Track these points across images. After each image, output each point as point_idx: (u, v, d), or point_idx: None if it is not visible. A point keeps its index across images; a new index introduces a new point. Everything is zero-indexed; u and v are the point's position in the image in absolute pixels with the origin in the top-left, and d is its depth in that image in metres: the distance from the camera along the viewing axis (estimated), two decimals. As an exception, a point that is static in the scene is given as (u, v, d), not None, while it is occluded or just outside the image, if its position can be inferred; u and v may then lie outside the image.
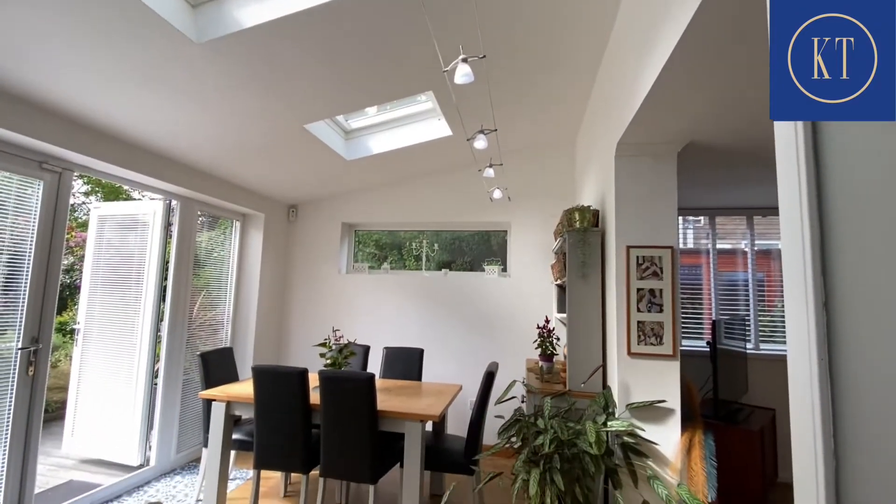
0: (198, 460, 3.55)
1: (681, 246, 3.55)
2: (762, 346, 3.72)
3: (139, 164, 2.99)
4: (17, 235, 2.45)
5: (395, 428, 2.55)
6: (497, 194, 3.51)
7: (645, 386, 2.23)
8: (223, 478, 2.80)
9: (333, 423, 2.52)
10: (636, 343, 2.24)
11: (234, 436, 2.92)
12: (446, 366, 4.18)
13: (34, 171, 2.51)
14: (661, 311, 2.24)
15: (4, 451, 2.35)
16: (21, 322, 2.42)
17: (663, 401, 2.18)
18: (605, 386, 2.51)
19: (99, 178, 3.42)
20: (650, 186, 2.31)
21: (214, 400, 2.82)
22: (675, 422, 2.18)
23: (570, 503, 2.12)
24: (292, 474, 3.28)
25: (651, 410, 2.19)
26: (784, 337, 3.58)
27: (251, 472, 3.31)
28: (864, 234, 0.52)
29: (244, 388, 2.89)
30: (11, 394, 2.37)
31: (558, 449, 2.17)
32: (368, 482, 2.49)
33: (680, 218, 3.44)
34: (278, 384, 2.58)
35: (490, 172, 3.21)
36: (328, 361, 2.88)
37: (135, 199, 5.47)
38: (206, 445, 2.86)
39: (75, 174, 2.75)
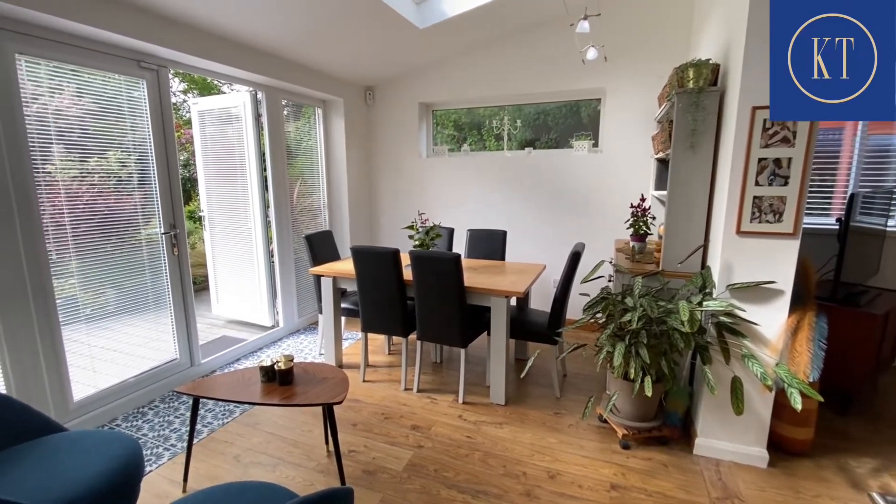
0: (316, 324, 4.19)
1: (821, 104, 2.90)
2: (910, 222, 3.16)
3: (221, 54, 3.03)
4: (138, 135, 2.72)
5: (482, 302, 2.72)
6: (591, 54, 3.04)
7: (751, 266, 2.05)
8: (338, 338, 3.31)
9: (425, 296, 2.75)
10: (748, 221, 2.01)
11: (343, 305, 3.35)
12: (530, 247, 4.21)
13: (134, 69, 2.67)
14: (785, 183, 1.93)
15: (171, 312, 2.96)
16: (160, 212, 2.84)
17: (772, 282, 2.01)
18: (703, 266, 2.36)
19: (190, 73, 3.55)
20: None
21: (322, 275, 3.20)
22: (784, 303, 2.02)
23: (655, 374, 2.19)
24: (394, 337, 3.75)
25: (755, 291, 2.05)
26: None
27: (360, 334, 3.86)
28: None
29: (346, 266, 3.21)
30: (166, 269, 2.91)
31: (646, 326, 2.17)
32: (459, 346, 2.77)
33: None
34: (375, 262, 2.82)
35: (585, 26, 2.73)
36: (416, 242, 3.04)
37: (225, 94, 5.71)
38: (320, 312, 3.34)
39: (171, 72, 2.88)
